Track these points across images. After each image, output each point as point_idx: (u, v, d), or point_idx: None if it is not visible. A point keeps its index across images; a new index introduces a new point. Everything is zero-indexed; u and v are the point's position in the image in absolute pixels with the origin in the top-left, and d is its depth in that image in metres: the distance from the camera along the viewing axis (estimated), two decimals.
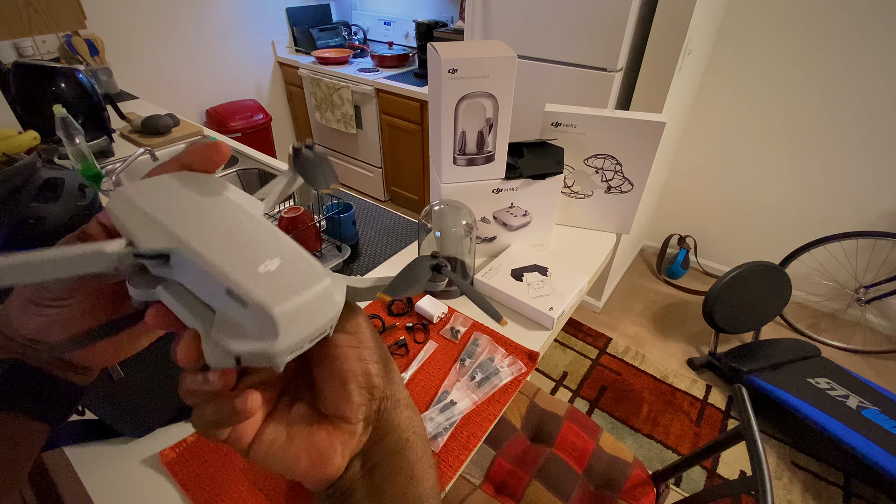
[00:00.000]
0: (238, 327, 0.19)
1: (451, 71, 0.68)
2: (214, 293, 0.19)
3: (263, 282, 0.19)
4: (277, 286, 0.19)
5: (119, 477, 0.55)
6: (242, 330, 0.19)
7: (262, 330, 0.18)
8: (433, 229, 0.79)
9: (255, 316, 0.18)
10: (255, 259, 0.20)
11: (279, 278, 0.19)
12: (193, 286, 0.20)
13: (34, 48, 1.92)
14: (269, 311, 0.18)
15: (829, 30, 1.64)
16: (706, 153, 2.09)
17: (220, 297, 0.19)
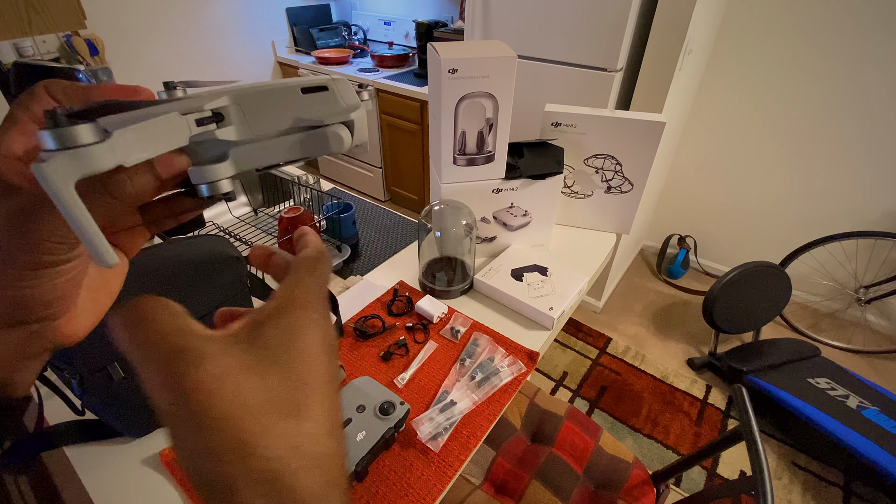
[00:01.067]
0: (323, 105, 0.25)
1: (451, 71, 0.68)
2: (289, 106, 0.24)
3: (315, 78, 0.25)
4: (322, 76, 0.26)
5: (119, 477, 0.55)
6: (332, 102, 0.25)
7: (344, 93, 0.26)
8: (433, 229, 0.79)
9: (338, 88, 0.25)
10: (291, 77, 0.26)
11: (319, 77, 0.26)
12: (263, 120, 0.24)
13: (34, 48, 1.92)
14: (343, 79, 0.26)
15: (829, 29, 1.64)
16: (706, 153, 2.09)
17: (294, 101, 0.24)
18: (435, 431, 0.60)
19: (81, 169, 0.16)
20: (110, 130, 0.17)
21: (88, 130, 0.16)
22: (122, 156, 0.18)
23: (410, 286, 0.86)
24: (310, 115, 0.25)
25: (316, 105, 0.25)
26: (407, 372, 0.69)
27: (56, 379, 0.54)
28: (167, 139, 0.20)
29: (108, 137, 0.17)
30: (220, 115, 0.23)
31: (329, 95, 0.25)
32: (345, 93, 0.26)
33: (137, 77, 2.24)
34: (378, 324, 0.77)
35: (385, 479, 0.56)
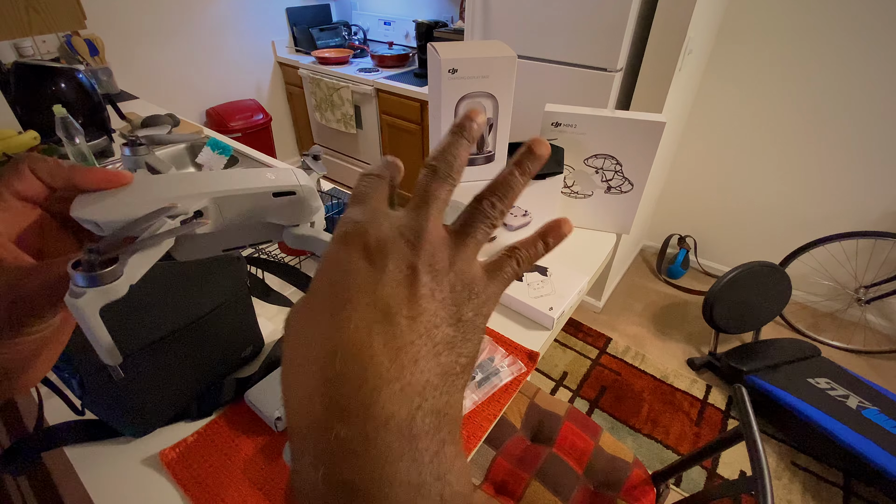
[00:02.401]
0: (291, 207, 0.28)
1: (451, 71, 0.68)
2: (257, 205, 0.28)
3: (284, 179, 0.28)
4: (291, 178, 0.29)
5: (119, 477, 0.55)
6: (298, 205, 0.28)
7: (309, 198, 0.29)
8: None
9: (304, 194, 0.28)
10: (263, 176, 0.28)
11: (287, 175, 0.29)
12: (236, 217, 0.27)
13: (34, 48, 1.92)
14: (309, 185, 0.29)
15: (829, 30, 1.64)
16: (706, 153, 2.09)
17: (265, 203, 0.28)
18: None
19: (106, 300, 0.21)
20: (125, 261, 0.21)
21: (113, 271, 0.21)
22: (132, 279, 0.22)
23: None
24: (278, 215, 0.28)
25: (284, 207, 0.28)
26: None
27: (56, 379, 0.54)
28: (162, 249, 0.24)
29: (123, 269, 0.21)
30: (200, 212, 0.26)
31: (296, 200, 0.28)
32: (310, 197, 0.29)
33: (137, 77, 2.24)
34: None
35: None
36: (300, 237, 0.28)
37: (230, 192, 0.26)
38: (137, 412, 0.57)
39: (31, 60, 1.24)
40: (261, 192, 0.27)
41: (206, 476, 0.55)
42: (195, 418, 0.61)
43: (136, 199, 0.24)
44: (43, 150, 1.19)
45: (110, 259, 0.21)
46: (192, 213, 0.25)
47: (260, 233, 0.29)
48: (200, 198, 0.25)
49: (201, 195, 0.26)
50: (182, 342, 0.56)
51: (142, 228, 0.23)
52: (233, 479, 0.55)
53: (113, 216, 0.23)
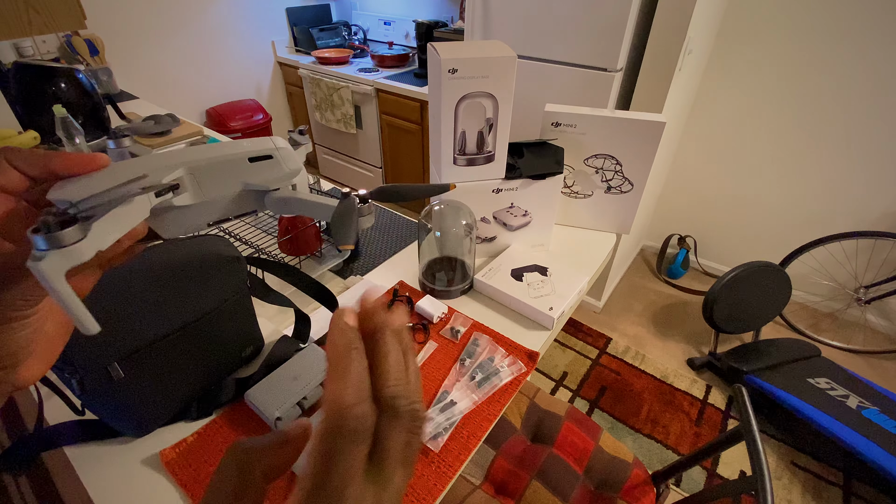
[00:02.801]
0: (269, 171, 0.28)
1: (451, 71, 0.68)
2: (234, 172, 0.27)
3: (260, 145, 0.28)
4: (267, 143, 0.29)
5: (119, 477, 0.55)
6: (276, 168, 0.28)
7: (287, 160, 0.29)
8: (433, 229, 0.79)
9: (281, 157, 0.28)
10: (239, 144, 0.28)
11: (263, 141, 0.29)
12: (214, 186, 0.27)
13: (34, 48, 1.92)
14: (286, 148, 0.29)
15: (828, 30, 1.64)
16: (706, 153, 2.09)
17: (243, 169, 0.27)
18: (435, 431, 0.60)
19: (70, 263, 0.20)
20: (89, 224, 0.21)
21: (72, 231, 0.20)
22: (99, 243, 0.21)
23: (410, 286, 0.86)
24: (256, 180, 0.28)
25: (262, 171, 0.28)
26: None
27: (56, 379, 0.54)
28: (133, 217, 0.23)
29: (88, 232, 0.20)
30: (177, 185, 0.26)
31: (273, 163, 0.28)
32: (287, 160, 0.29)
33: (137, 77, 2.24)
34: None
35: None
36: (281, 200, 0.28)
37: (205, 160, 0.26)
38: (137, 412, 0.57)
39: (31, 60, 1.24)
40: (236, 157, 0.27)
41: (206, 476, 0.55)
42: (195, 418, 0.61)
43: (110, 177, 0.24)
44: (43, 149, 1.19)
45: (71, 219, 0.20)
46: (166, 183, 0.25)
47: (243, 202, 0.28)
48: (174, 168, 0.25)
49: (175, 165, 0.25)
50: (182, 342, 0.56)
51: (113, 200, 0.23)
52: None
53: (85, 192, 0.23)
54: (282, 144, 0.29)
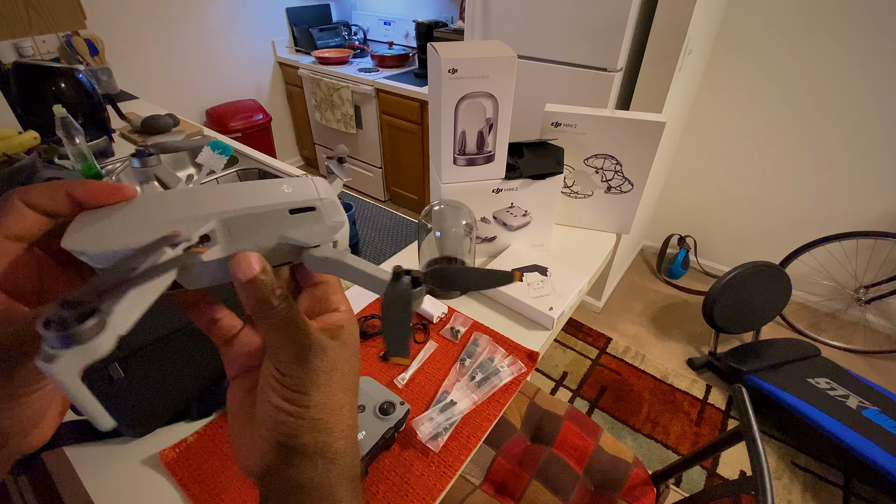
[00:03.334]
0: (310, 225, 0.25)
1: (451, 71, 0.68)
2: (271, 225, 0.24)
3: (302, 192, 0.26)
4: (310, 191, 0.26)
5: (119, 477, 0.55)
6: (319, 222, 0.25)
7: (331, 213, 0.26)
8: (433, 229, 0.79)
9: (325, 209, 0.26)
10: (278, 190, 0.25)
11: (305, 187, 0.26)
12: (249, 240, 0.24)
13: (34, 48, 1.92)
14: (330, 198, 0.26)
15: (829, 29, 1.64)
16: (706, 153, 2.09)
17: (281, 222, 0.25)
18: (435, 431, 0.60)
19: (86, 360, 0.17)
20: (110, 308, 0.17)
21: (92, 326, 0.17)
22: (120, 330, 0.18)
23: None
24: (295, 234, 0.25)
25: (302, 224, 0.25)
26: (407, 372, 0.69)
27: None
28: (157, 290, 0.20)
29: (107, 321, 0.17)
30: (207, 237, 0.23)
31: (316, 215, 0.25)
32: (332, 213, 0.26)
33: (137, 77, 2.24)
34: (378, 324, 0.77)
35: (385, 479, 0.56)
36: (322, 260, 0.25)
37: (240, 211, 0.23)
38: (137, 412, 0.57)
39: (31, 60, 1.24)
40: (276, 209, 0.24)
41: (206, 476, 0.55)
42: (195, 418, 0.61)
43: (132, 225, 0.21)
44: (43, 150, 1.19)
45: (90, 311, 0.17)
46: (196, 239, 0.22)
47: (276, 255, 0.25)
48: (207, 219, 0.22)
49: (208, 216, 0.23)
50: (182, 342, 0.56)
51: (137, 264, 0.19)
52: (233, 479, 0.55)
53: (104, 246, 0.20)
54: (325, 194, 0.26)
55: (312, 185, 0.26)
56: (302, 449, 0.23)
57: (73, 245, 0.20)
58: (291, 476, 0.23)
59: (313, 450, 0.23)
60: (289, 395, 0.23)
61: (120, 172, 1.24)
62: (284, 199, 0.25)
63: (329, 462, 0.24)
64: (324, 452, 0.24)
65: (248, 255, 0.23)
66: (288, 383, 0.23)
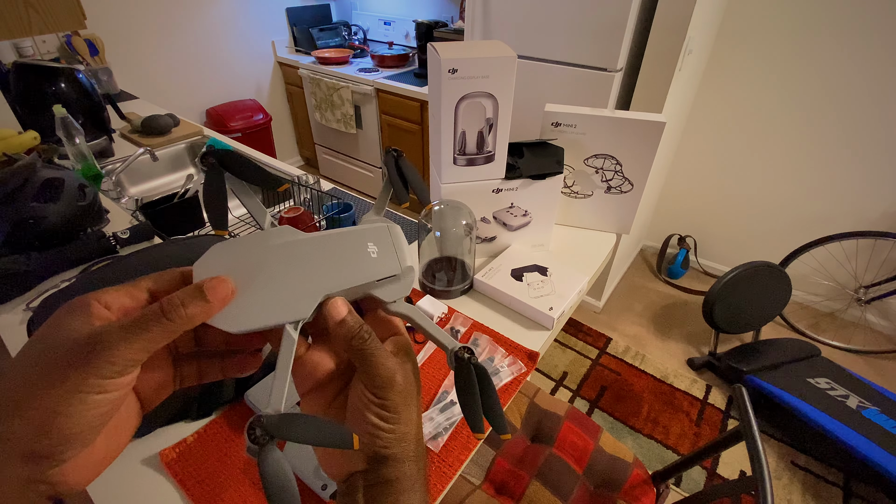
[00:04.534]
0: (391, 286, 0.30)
1: (451, 71, 0.68)
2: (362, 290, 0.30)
3: (387, 259, 0.31)
4: (393, 260, 0.31)
5: (119, 477, 0.55)
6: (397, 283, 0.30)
7: (407, 277, 0.31)
8: (433, 229, 0.79)
9: (404, 274, 0.30)
10: (365, 252, 0.30)
11: (387, 251, 0.31)
12: None
13: (34, 48, 1.92)
14: (409, 264, 0.31)
15: (829, 29, 1.64)
16: (706, 153, 2.09)
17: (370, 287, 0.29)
18: (435, 431, 0.60)
19: None
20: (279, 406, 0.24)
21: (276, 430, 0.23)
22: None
23: None
24: (378, 294, 0.30)
25: (385, 286, 0.30)
26: None
27: None
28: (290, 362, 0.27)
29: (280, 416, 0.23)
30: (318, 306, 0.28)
31: (396, 279, 0.30)
32: (408, 276, 0.31)
33: (137, 77, 2.24)
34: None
35: None
36: (397, 314, 0.30)
37: (343, 287, 0.28)
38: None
39: (31, 60, 1.24)
40: (368, 280, 0.29)
41: (206, 476, 0.55)
42: (195, 418, 0.61)
43: (258, 305, 0.26)
44: (43, 150, 1.19)
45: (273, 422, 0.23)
46: (310, 314, 0.27)
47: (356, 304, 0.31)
48: (317, 297, 0.28)
49: (317, 293, 0.28)
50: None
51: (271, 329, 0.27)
52: (233, 479, 0.55)
53: (242, 326, 0.26)
54: (407, 261, 0.31)
55: (392, 245, 0.31)
56: (392, 457, 0.28)
57: (222, 324, 0.25)
58: (382, 474, 0.28)
59: (401, 457, 0.28)
60: (384, 414, 0.27)
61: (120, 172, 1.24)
62: (373, 272, 0.30)
63: (412, 462, 0.29)
64: (408, 456, 0.28)
65: (337, 300, 0.28)
66: (383, 405, 0.27)
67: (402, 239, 0.32)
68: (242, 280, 0.26)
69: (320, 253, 0.29)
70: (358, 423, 0.28)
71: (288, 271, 0.28)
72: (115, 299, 0.24)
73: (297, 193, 1.07)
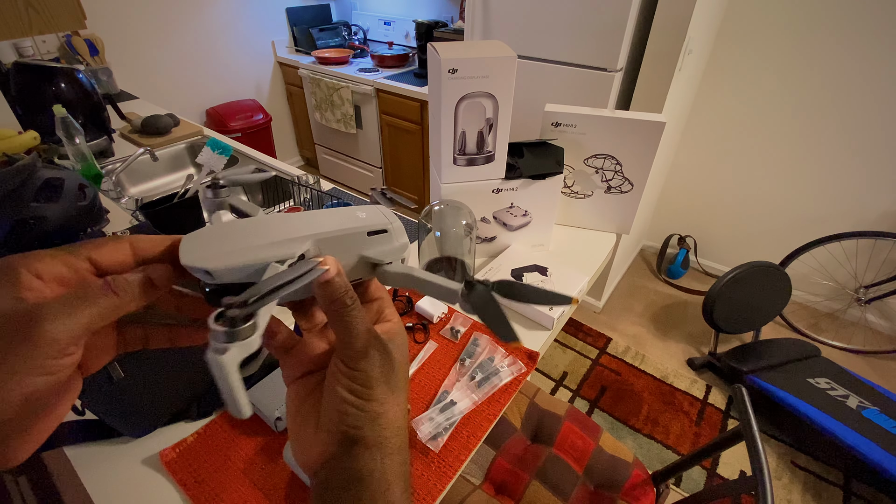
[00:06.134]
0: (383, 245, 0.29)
1: (451, 71, 0.68)
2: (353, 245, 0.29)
3: (375, 218, 0.30)
4: (380, 217, 0.30)
5: (119, 477, 0.55)
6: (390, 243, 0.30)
7: (399, 235, 0.30)
8: (433, 229, 0.79)
9: (395, 232, 0.30)
10: (355, 216, 0.30)
11: (376, 213, 0.30)
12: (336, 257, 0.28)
13: (34, 48, 1.92)
14: (398, 223, 0.31)
15: (829, 30, 1.64)
16: (706, 153, 2.09)
17: (361, 243, 0.29)
18: (435, 431, 0.60)
19: (245, 353, 0.20)
20: (255, 313, 0.21)
21: (251, 326, 0.21)
22: (262, 328, 0.21)
23: None
24: (371, 253, 0.30)
25: (377, 244, 0.30)
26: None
27: None
28: (278, 296, 0.24)
29: (258, 323, 0.21)
30: (303, 255, 0.27)
31: (387, 237, 0.30)
32: (399, 235, 0.31)
33: (137, 77, 2.24)
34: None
35: None
36: (397, 274, 0.29)
37: (330, 233, 0.28)
38: (137, 412, 0.57)
39: (31, 60, 1.24)
40: (358, 230, 0.29)
41: (206, 476, 0.55)
42: (195, 418, 0.61)
43: (243, 246, 0.25)
44: (43, 150, 1.19)
45: (249, 314, 0.21)
46: (297, 256, 0.26)
47: (354, 271, 0.30)
48: (304, 241, 0.27)
49: (304, 238, 0.27)
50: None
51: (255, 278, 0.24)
52: (233, 479, 0.55)
53: (224, 263, 0.24)
54: (393, 220, 0.31)
55: (381, 213, 0.31)
56: (363, 441, 0.25)
57: (193, 263, 0.23)
58: (352, 467, 0.25)
59: (373, 442, 0.25)
60: (354, 387, 0.25)
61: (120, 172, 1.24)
62: (363, 224, 0.29)
63: (387, 456, 0.26)
64: (382, 446, 0.26)
65: (328, 258, 0.25)
66: (353, 376, 0.25)
67: (389, 211, 0.32)
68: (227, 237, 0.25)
69: (310, 215, 0.29)
70: (329, 399, 0.26)
71: (277, 224, 0.27)
72: (48, 268, 0.21)
73: (297, 193, 1.07)
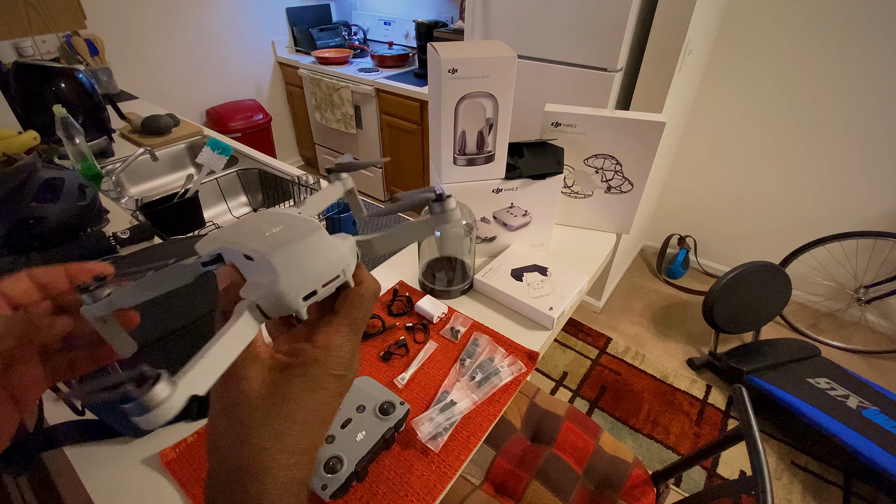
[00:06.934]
0: (256, 283, 0.23)
1: (451, 71, 0.68)
2: (245, 266, 0.24)
3: (264, 240, 0.24)
4: (275, 241, 0.23)
5: (119, 477, 0.55)
6: (258, 283, 0.23)
7: (268, 277, 0.22)
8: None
9: (261, 265, 0.23)
10: (262, 230, 0.25)
11: (278, 236, 0.24)
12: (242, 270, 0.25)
13: (34, 48, 1.92)
14: (266, 258, 0.22)
15: (829, 30, 1.64)
16: (706, 153, 2.09)
17: (246, 267, 0.24)
18: (435, 431, 0.60)
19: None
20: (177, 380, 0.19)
21: (164, 387, 0.18)
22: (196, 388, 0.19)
23: (410, 286, 0.86)
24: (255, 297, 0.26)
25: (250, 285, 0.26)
26: (407, 372, 0.69)
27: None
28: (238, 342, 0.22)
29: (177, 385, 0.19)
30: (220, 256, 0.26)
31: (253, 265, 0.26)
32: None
33: (137, 77, 2.24)
34: (378, 324, 0.77)
35: (385, 480, 0.56)
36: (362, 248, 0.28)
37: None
38: None
39: (31, 60, 1.24)
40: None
41: (205, 476, 0.55)
42: (195, 418, 0.61)
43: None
44: (43, 150, 1.19)
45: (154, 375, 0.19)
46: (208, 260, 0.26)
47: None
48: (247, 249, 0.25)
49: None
50: (181, 342, 0.56)
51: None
52: None
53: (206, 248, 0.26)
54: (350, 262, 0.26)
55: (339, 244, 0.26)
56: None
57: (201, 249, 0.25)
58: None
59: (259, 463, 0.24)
60: None
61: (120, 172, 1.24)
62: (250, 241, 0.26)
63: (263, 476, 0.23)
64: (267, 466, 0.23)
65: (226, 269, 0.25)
66: None
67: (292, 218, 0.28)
68: None
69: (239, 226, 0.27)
70: None
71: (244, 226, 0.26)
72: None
73: (297, 193, 1.07)
